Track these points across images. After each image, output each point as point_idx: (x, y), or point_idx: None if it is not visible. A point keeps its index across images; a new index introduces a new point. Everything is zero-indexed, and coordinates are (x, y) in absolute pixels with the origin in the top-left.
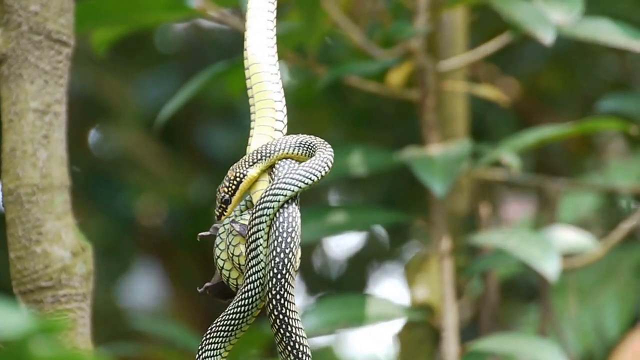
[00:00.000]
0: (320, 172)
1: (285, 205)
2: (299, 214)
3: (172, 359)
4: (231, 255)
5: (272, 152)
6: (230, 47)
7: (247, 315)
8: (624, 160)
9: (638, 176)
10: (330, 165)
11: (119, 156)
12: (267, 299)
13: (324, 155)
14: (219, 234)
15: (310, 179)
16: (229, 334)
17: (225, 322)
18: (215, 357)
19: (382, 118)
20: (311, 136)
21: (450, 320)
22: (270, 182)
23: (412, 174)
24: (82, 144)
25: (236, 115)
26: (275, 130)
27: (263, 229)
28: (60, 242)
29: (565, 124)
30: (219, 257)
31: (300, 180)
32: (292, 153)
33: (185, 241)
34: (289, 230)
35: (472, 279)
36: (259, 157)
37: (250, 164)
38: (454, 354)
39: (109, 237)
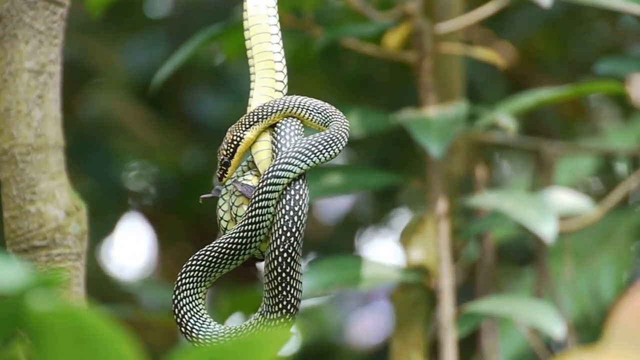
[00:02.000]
0: (339, 144)
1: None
2: (307, 187)
3: (161, 322)
4: (234, 215)
5: (270, 113)
6: (218, 12)
7: (229, 261)
8: (620, 124)
9: (635, 139)
10: (347, 136)
11: (107, 121)
12: (272, 256)
13: (343, 127)
14: (222, 196)
15: (323, 154)
16: (207, 273)
17: (206, 260)
18: (193, 295)
19: (377, 83)
20: (311, 98)
21: (446, 282)
22: (272, 142)
23: (405, 137)
24: (69, 109)
25: (226, 80)
26: (276, 90)
27: (274, 197)
28: (54, 201)
29: (562, 86)
30: (222, 218)
31: (314, 153)
32: (293, 113)
33: (176, 207)
34: (302, 194)
35: (468, 242)
36: (255, 120)
37: (247, 126)
38: (450, 315)
39: (96, 202)
